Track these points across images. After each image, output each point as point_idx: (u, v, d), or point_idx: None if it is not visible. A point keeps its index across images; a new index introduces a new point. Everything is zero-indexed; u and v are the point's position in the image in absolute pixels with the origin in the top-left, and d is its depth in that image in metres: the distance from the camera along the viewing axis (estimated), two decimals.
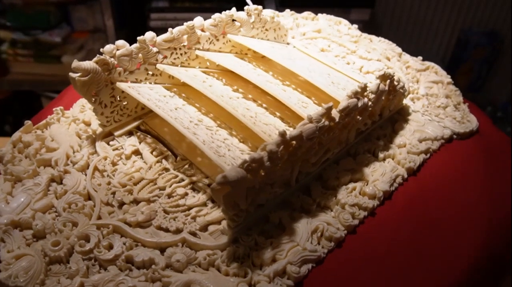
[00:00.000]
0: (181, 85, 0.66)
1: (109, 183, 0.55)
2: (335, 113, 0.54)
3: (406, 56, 0.85)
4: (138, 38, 0.60)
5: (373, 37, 0.88)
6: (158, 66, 0.63)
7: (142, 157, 0.59)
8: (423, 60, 0.85)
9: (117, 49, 0.58)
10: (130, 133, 0.63)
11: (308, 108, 0.62)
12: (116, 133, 0.62)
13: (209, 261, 0.48)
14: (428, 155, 0.64)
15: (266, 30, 0.74)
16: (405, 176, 0.60)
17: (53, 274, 0.46)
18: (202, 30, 0.67)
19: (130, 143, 0.60)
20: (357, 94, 0.56)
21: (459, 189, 0.60)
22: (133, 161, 0.58)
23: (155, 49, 0.62)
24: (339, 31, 0.88)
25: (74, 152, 0.59)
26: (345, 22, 0.91)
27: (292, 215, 0.53)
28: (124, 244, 0.49)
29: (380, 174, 0.59)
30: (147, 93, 0.60)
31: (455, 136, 0.68)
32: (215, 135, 0.58)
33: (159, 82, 0.64)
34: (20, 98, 1.79)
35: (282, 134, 0.47)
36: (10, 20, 1.59)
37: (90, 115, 0.63)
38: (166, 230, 0.51)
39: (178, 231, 0.51)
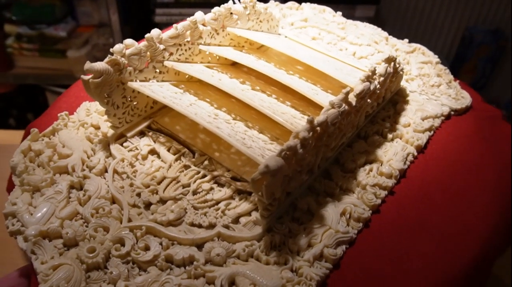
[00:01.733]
0: (186, 81, 0.66)
1: (131, 185, 0.54)
2: (351, 98, 0.55)
3: (393, 39, 0.86)
4: (146, 36, 0.59)
5: (358, 23, 0.89)
6: (166, 63, 0.62)
7: (159, 156, 0.58)
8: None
9: (126, 48, 0.57)
10: (141, 133, 0.61)
11: (320, 95, 0.62)
12: (129, 134, 0.60)
13: (248, 252, 0.48)
14: (432, 132, 0.66)
15: (260, 21, 0.74)
16: (415, 153, 0.62)
17: (93, 281, 0.45)
18: (203, 25, 0.67)
19: (144, 143, 0.59)
20: (369, 78, 0.58)
21: (466, 160, 0.62)
22: (151, 161, 0.57)
23: (162, 46, 0.61)
24: (325, 19, 0.88)
25: (88, 157, 0.57)
26: (329, 9, 0.92)
27: (318, 200, 0.54)
28: (160, 244, 0.48)
29: (393, 154, 0.61)
30: (160, 91, 0.59)
31: (452, 113, 0.71)
32: (235, 127, 0.58)
33: (166, 80, 0.64)
34: (25, 92, 1.79)
35: (311, 121, 0.48)
36: (15, 14, 1.59)
37: (97, 118, 0.62)
38: (199, 226, 0.51)
39: (211, 226, 0.51)
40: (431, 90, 0.74)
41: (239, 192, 0.54)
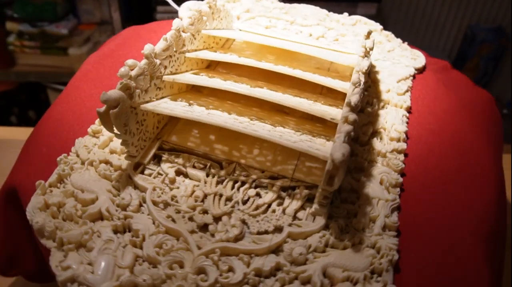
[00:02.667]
0: (182, 93, 0.64)
1: (179, 211, 0.51)
2: (361, 76, 0.57)
3: (334, 15, 0.87)
4: (145, 53, 0.55)
5: (295, 5, 0.89)
6: (166, 78, 0.59)
7: (187, 176, 0.55)
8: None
9: (130, 70, 0.53)
10: (155, 157, 0.57)
11: (327, 79, 0.63)
12: (146, 161, 0.56)
13: (325, 242, 0.49)
14: (409, 92, 0.70)
15: (221, 19, 0.73)
16: (407, 115, 0.66)
17: None
18: (183, 31, 0.64)
19: (166, 166, 0.56)
20: (366, 54, 0.60)
21: (448, 109, 0.68)
22: (182, 182, 0.54)
23: (158, 61, 0.58)
24: (266, 7, 0.87)
25: (115, 196, 0.52)
26: None
27: (354, 177, 0.56)
28: (240, 260, 0.47)
29: (392, 119, 0.64)
30: (175, 108, 0.57)
31: (415, 71, 0.75)
32: (263, 127, 0.57)
33: (165, 95, 0.61)
34: (26, 90, 1.80)
35: (349, 103, 0.51)
36: (17, 11, 1.59)
37: (102, 153, 0.57)
38: (266, 232, 0.50)
39: (278, 228, 0.50)
40: (389, 55, 0.77)
41: (283, 189, 0.54)
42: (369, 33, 0.65)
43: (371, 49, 0.62)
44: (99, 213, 0.50)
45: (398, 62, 0.76)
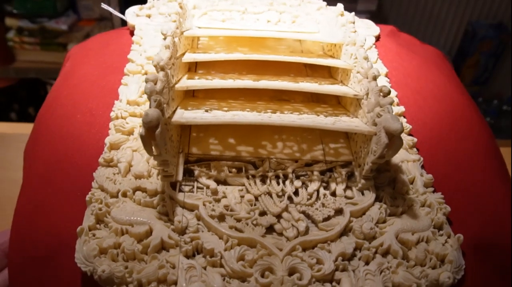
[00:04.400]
0: (184, 100, 0.63)
1: (239, 220, 0.50)
2: (363, 50, 0.60)
3: None
4: (161, 64, 0.53)
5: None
6: (178, 87, 0.57)
7: (227, 183, 0.54)
8: None
9: (155, 84, 0.51)
10: (185, 172, 0.55)
11: (319, 59, 0.65)
12: (180, 178, 0.53)
13: (384, 212, 0.51)
14: (377, 57, 0.71)
15: (186, 18, 0.72)
16: (388, 80, 0.67)
17: None
18: (175, 36, 0.64)
19: (202, 179, 0.54)
20: (354, 30, 0.63)
21: (418, 67, 0.71)
22: (225, 190, 0.53)
23: (169, 72, 0.56)
24: (210, 0, 0.85)
25: (168, 221, 0.50)
26: None
27: None
28: (323, 249, 0.48)
29: (379, 85, 0.62)
30: (203, 116, 0.54)
31: (375, 40, 0.76)
32: (292, 117, 0.58)
33: (176, 105, 0.59)
34: (26, 86, 1.79)
35: (374, 76, 0.53)
36: (16, 7, 1.58)
37: (130, 180, 0.53)
38: (329, 218, 0.51)
39: (339, 211, 0.51)
40: (344, 28, 0.74)
41: (321, 173, 0.55)
42: (339, 9, 0.68)
43: (353, 22, 0.65)
44: (161, 243, 0.47)
45: (355, 34, 0.75)
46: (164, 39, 0.58)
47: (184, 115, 0.54)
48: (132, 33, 0.74)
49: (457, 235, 0.51)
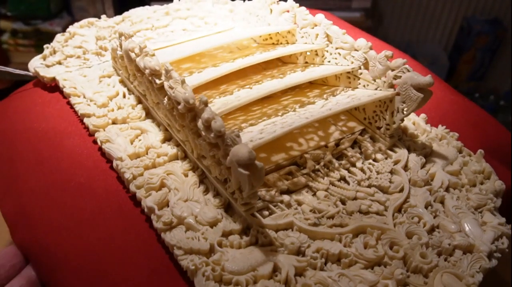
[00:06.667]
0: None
1: (332, 217, 0.51)
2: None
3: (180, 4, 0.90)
4: (183, 79, 0.52)
5: (169, 6, 0.88)
6: (218, 111, 0.58)
7: (289, 190, 0.54)
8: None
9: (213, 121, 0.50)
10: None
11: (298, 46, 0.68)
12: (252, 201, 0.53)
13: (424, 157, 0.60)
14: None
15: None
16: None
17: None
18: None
19: (267, 195, 0.53)
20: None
21: None
22: (296, 197, 0.53)
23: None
24: (147, 16, 0.85)
25: (279, 247, 0.48)
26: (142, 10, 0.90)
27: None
28: (412, 207, 0.53)
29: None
30: (260, 136, 0.54)
31: None
32: (296, 114, 0.60)
33: None
34: None
35: (388, 56, 0.58)
36: (10, 10, 1.58)
37: (206, 235, 0.49)
38: (391, 181, 0.56)
39: (393, 172, 0.57)
40: (282, 17, 0.74)
41: (359, 148, 0.60)
42: (293, 4, 0.70)
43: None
44: (294, 269, 0.46)
45: (264, 21, 0.76)
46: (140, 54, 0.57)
47: (254, 139, 0.53)
48: (51, 87, 0.70)
49: (478, 151, 0.61)
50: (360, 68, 0.62)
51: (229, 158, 0.44)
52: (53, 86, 0.70)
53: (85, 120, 0.62)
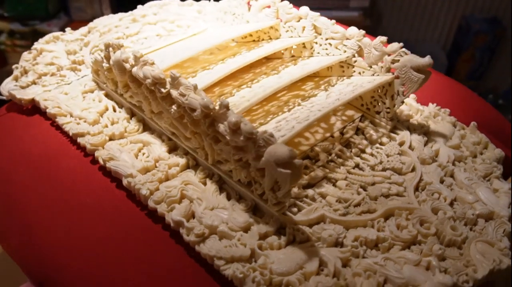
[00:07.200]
0: None
1: (359, 204, 0.52)
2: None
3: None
4: (195, 84, 0.52)
5: (135, 12, 0.88)
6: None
7: (309, 185, 0.55)
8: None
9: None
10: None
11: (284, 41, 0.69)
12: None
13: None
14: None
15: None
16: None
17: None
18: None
19: (292, 192, 0.53)
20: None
21: None
22: (318, 191, 0.53)
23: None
24: (114, 25, 0.83)
25: (316, 242, 0.48)
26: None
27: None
28: (428, 185, 0.56)
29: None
30: (288, 133, 0.55)
31: None
32: (304, 108, 0.60)
33: None
34: None
35: (381, 40, 0.61)
36: (8, 10, 1.58)
37: (242, 240, 0.48)
38: (402, 162, 0.58)
39: (396, 170, 0.57)
40: (262, 13, 0.75)
41: (357, 134, 0.61)
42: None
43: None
44: (340, 261, 0.46)
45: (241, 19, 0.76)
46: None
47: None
48: (28, 110, 0.67)
49: (471, 123, 0.64)
50: (354, 56, 0.63)
51: (265, 158, 0.44)
52: (30, 108, 0.66)
53: (80, 139, 0.59)
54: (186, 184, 0.53)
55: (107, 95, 0.67)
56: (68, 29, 0.81)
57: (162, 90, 0.53)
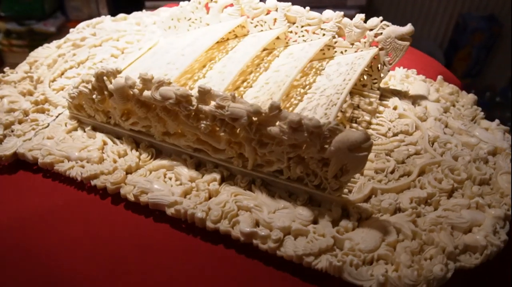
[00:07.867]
0: None
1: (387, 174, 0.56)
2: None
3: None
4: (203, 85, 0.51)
5: (69, 37, 0.83)
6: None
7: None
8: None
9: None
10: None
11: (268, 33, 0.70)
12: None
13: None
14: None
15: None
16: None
17: None
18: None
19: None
20: None
21: None
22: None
23: None
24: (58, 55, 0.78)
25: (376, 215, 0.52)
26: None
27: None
28: (440, 140, 0.60)
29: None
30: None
31: None
32: (315, 96, 0.62)
33: None
34: None
35: (361, 18, 0.66)
36: (4, 10, 1.57)
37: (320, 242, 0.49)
38: (407, 130, 0.62)
39: (405, 132, 0.62)
40: (223, 13, 0.74)
41: (357, 110, 0.64)
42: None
43: None
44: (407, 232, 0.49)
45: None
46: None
47: None
48: (5, 168, 0.59)
49: (438, 77, 0.70)
50: (334, 38, 0.66)
51: (336, 146, 0.45)
52: (6, 165, 0.59)
53: (95, 182, 0.54)
54: (236, 195, 0.52)
55: (95, 129, 0.62)
56: (6, 69, 0.73)
57: (190, 107, 0.51)
